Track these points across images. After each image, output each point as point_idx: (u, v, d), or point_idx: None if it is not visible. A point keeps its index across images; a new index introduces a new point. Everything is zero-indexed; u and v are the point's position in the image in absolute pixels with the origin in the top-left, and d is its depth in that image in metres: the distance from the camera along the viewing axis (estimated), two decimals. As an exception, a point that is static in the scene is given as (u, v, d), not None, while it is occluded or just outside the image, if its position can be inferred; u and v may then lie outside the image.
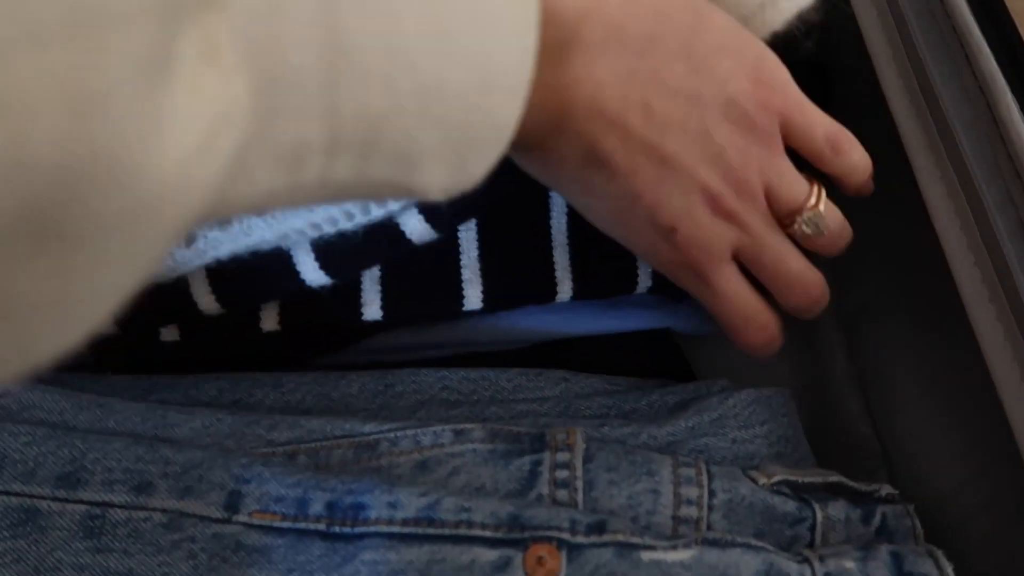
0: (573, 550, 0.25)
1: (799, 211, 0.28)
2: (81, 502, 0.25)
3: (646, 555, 0.26)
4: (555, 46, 0.23)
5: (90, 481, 0.25)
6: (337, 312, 0.32)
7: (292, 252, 0.30)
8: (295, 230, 0.28)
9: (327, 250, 0.30)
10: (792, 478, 0.29)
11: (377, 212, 0.28)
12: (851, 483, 0.30)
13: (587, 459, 0.28)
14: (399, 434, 0.29)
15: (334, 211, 0.28)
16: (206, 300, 0.30)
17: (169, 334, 0.32)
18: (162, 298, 0.30)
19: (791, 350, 0.42)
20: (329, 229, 0.28)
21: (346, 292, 0.31)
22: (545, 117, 0.24)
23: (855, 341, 0.40)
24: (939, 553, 0.27)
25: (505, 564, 0.25)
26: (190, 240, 0.28)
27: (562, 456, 0.28)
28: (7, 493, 0.25)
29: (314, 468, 0.28)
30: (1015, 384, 0.25)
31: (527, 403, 0.32)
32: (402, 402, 0.32)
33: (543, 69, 0.21)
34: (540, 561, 0.25)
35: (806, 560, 0.26)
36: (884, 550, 0.26)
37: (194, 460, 0.26)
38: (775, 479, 0.29)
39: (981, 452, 0.33)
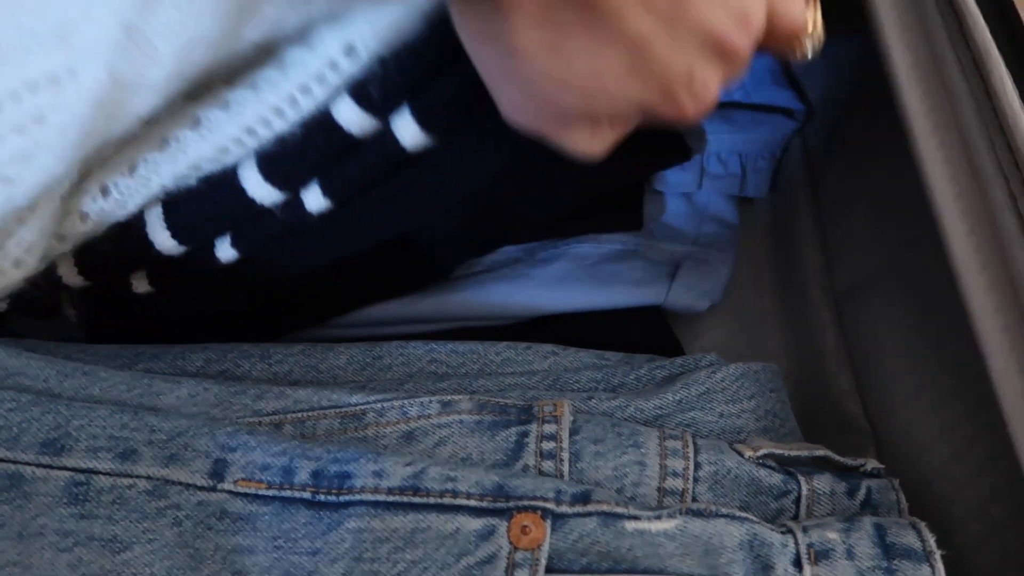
0: (558, 519, 0.25)
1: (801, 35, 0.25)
2: (65, 468, 0.25)
3: (630, 525, 0.26)
4: None
5: (74, 448, 0.25)
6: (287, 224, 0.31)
7: (237, 171, 0.29)
8: (231, 139, 0.27)
9: (269, 159, 0.28)
10: (778, 451, 0.29)
11: (307, 103, 0.27)
12: (837, 457, 0.30)
13: (574, 431, 0.28)
14: (386, 405, 0.29)
15: (263, 109, 0.27)
16: (162, 238, 0.30)
17: (140, 284, 0.32)
18: (123, 243, 0.30)
19: (783, 327, 0.42)
20: (264, 132, 0.28)
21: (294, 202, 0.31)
22: None
23: (846, 319, 0.40)
24: (922, 525, 0.27)
25: (489, 533, 0.25)
26: (132, 168, 0.28)
27: (549, 428, 0.28)
28: (-9, 459, 0.25)
29: (300, 437, 0.28)
30: (1004, 355, 0.25)
31: (515, 376, 0.32)
32: (390, 374, 0.32)
33: None
34: (524, 530, 0.25)
35: (790, 531, 0.26)
36: (867, 521, 0.27)
37: (179, 428, 0.26)
38: (761, 452, 0.29)
39: (967, 428, 0.33)
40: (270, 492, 0.26)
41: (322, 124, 0.28)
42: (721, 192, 0.43)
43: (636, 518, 0.26)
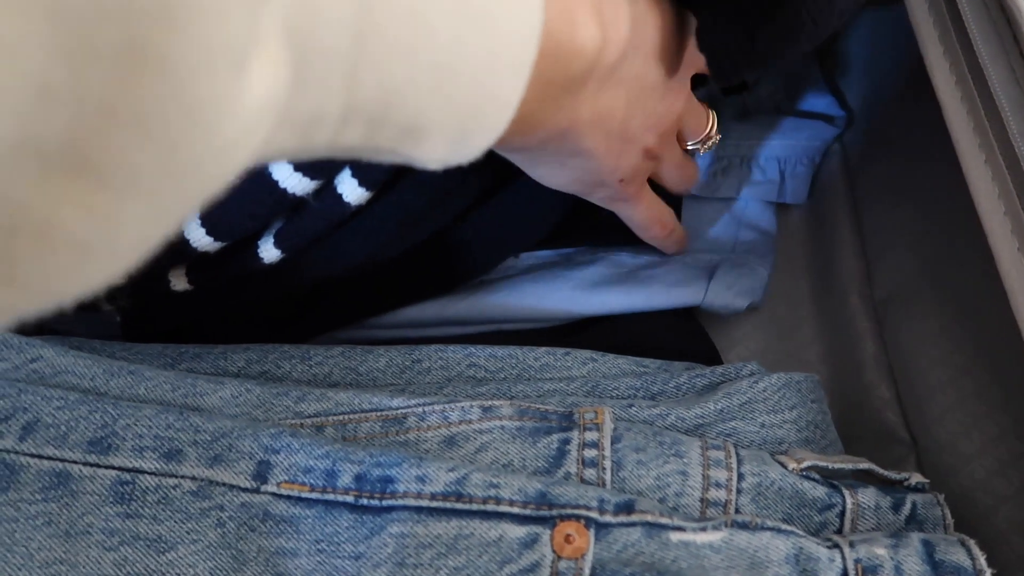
0: (601, 529, 0.25)
1: (706, 138, 0.36)
2: (112, 467, 0.25)
3: (675, 536, 0.25)
4: (574, 77, 0.26)
5: (121, 447, 0.26)
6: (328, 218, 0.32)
7: (268, 164, 0.29)
8: None
9: None
10: (822, 464, 0.29)
11: None
12: (881, 471, 0.30)
13: (615, 439, 0.28)
14: (427, 409, 0.28)
15: None
16: (198, 234, 0.30)
17: (178, 282, 0.32)
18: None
19: (821, 335, 0.42)
20: None
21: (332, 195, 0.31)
22: (551, 122, 0.27)
23: (886, 328, 0.40)
24: (971, 542, 0.26)
25: (533, 541, 0.25)
26: None
27: (590, 435, 0.28)
28: (40, 456, 0.25)
29: (342, 440, 0.28)
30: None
31: (554, 382, 0.32)
32: (429, 378, 0.32)
33: (563, 94, 0.26)
34: (568, 539, 0.25)
35: (836, 546, 0.26)
36: (915, 538, 0.26)
37: (224, 429, 0.26)
38: (804, 464, 0.29)
39: (1011, 441, 0.32)
40: (313, 495, 0.26)
41: (266, 184, 0.29)
42: (759, 198, 0.43)
43: (681, 529, 0.25)
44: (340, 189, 0.30)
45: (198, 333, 0.35)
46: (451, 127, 0.21)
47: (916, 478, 0.30)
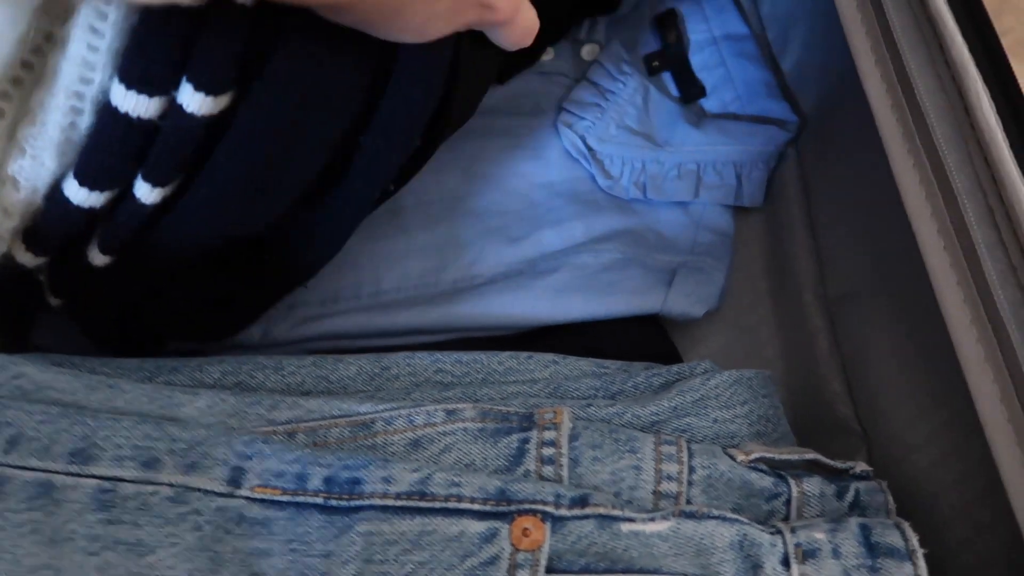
0: (557, 522, 0.27)
1: None
2: (93, 476, 0.27)
3: (626, 527, 0.27)
4: None
5: (101, 457, 0.27)
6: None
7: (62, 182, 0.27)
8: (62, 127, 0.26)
9: (80, 162, 0.28)
10: (769, 455, 0.31)
11: (92, 91, 0.26)
12: (826, 460, 0.32)
13: (572, 437, 0.30)
14: (393, 414, 0.30)
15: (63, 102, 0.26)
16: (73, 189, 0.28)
17: (96, 257, 0.31)
18: (50, 214, 0.29)
19: (779, 333, 0.44)
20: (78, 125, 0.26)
21: None
22: None
23: (839, 325, 0.42)
24: (906, 525, 0.28)
25: (492, 535, 0.27)
26: (31, 116, 0.27)
27: (549, 434, 0.30)
28: (24, 468, 0.26)
29: (312, 446, 0.29)
30: (979, 365, 0.27)
31: (518, 384, 0.34)
32: (397, 384, 0.34)
33: None
34: (525, 532, 0.27)
35: (779, 531, 0.27)
36: (853, 522, 0.28)
37: (199, 437, 0.28)
38: (753, 456, 0.30)
39: (953, 432, 0.34)
40: (285, 498, 0.27)
41: (110, 114, 0.27)
42: (717, 202, 0.45)
43: (631, 520, 0.27)
44: (140, 196, 0.29)
45: (145, 309, 0.34)
46: None
47: (860, 466, 0.32)
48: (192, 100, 0.26)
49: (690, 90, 0.47)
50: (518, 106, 0.46)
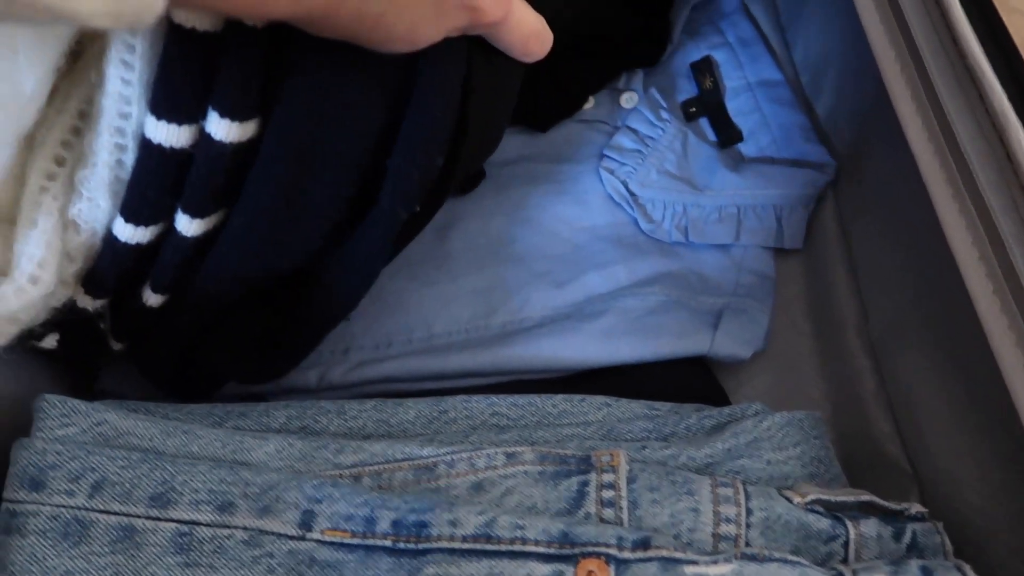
0: (621, 565, 0.27)
1: None
2: (172, 520, 0.28)
3: (689, 569, 0.27)
4: None
5: (179, 501, 0.28)
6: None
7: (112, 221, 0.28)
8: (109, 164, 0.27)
9: (125, 199, 0.29)
10: (825, 497, 0.31)
11: (131, 127, 0.27)
12: (882, 502, 0.32)
13: (631, 479, 0.30)
14: (455, 457, 0.31)
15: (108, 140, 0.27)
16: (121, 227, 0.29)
17: (150, 297, 0.32)
18: (104, 256, 0.30)
19: (823, 373, 0.44)
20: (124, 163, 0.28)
21: None
22: None
23: (884, 364, 0.42)
24: (967, 567, 0.28)
25: (558, 577, 0.27)
26: (83, 158, 0.28)
27: (607, 477, 0.30)
28: (107, 512, 0.27)
29: (378, 488, 0.30)
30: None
31: (572, 427, 0.34)
32: (455, 427, 0.34)
33: None
34: (590, 574, 0.27)
35: (840, 574, 0.28)
36: (914, 564, 0.28)
37: (271, 482, 0.29)
38: (809, 498, 0.31)
39: (1006, 469, 0.34)
40: (354, 541, 0.28)
41: (146, 147, 0.27)
42: (758, 244, 0.45)
43: (694, 563, 0.28)
44: (181, 229, 0.29)
45: (201, 349, 0.35)
46: None
47: (915, 508, 0.32)
48: (219, 127, 0.27)
49: (727, 135, 0.48)
50: (560, 153, 0.47)
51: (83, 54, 0.30)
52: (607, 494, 0.30)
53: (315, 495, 0.29)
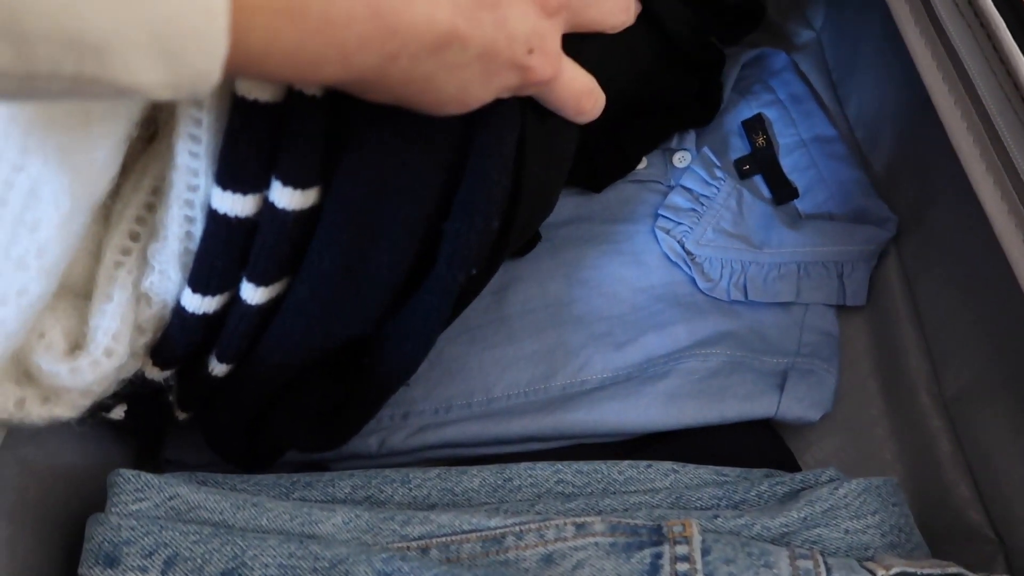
0: (701, 643, 0.26)
1: None
2: (242, 596, 0.28)
3: (773, 649, 0.26)
4: None
5: (250, 576, 0.28)
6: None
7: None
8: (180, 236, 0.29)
9: (193, 271, 0.30)
10: (910, 570, 0.30)
11: (200, 198, 0.27)
12: (970, 574, 0.30)
13: (705, 551, 0.29)
14: (523, 528, 0.30)
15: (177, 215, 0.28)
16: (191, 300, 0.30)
17: (215, 367, 0.33)
18: (173, 326, 0.31)
19: (894, 435, 0.43)
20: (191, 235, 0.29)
21: None
22: (366, 32, 0.23)
23: (960, 425, 0.40)
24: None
25: (636, 657, 0.26)
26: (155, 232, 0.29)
27: (681, 549, 0.29)
28: (180, 588, 0.27)
29: (446, 561, 0.30)
30: None
31: (639, 494, 0.34)
32: (520, 495, 0.34)
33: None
34: (670, 654, 0.26)
35: (934, 655, 0.26)
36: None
37: (340, 556, 0.28)
38: (893, 571, 0.30)
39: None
40: (425, 616, 0.28)
41: (212, 217, 0.28)
42: (820, 302, 0.45)
43: (779, 642, 0.26)
44: (246, 297, 0.30)
45: (265, 418, 0.35)
46: (140, 36, 0.18)
47: (1006, 580, 0.30)
48: (282, 196, 0.27)
49: (783, 192, 0.48)
50: (615, 213, 0.47)
51: (158, 133, 0.31)
52: (682, 567, 0.29)
53: (384, 569, 0.28)
